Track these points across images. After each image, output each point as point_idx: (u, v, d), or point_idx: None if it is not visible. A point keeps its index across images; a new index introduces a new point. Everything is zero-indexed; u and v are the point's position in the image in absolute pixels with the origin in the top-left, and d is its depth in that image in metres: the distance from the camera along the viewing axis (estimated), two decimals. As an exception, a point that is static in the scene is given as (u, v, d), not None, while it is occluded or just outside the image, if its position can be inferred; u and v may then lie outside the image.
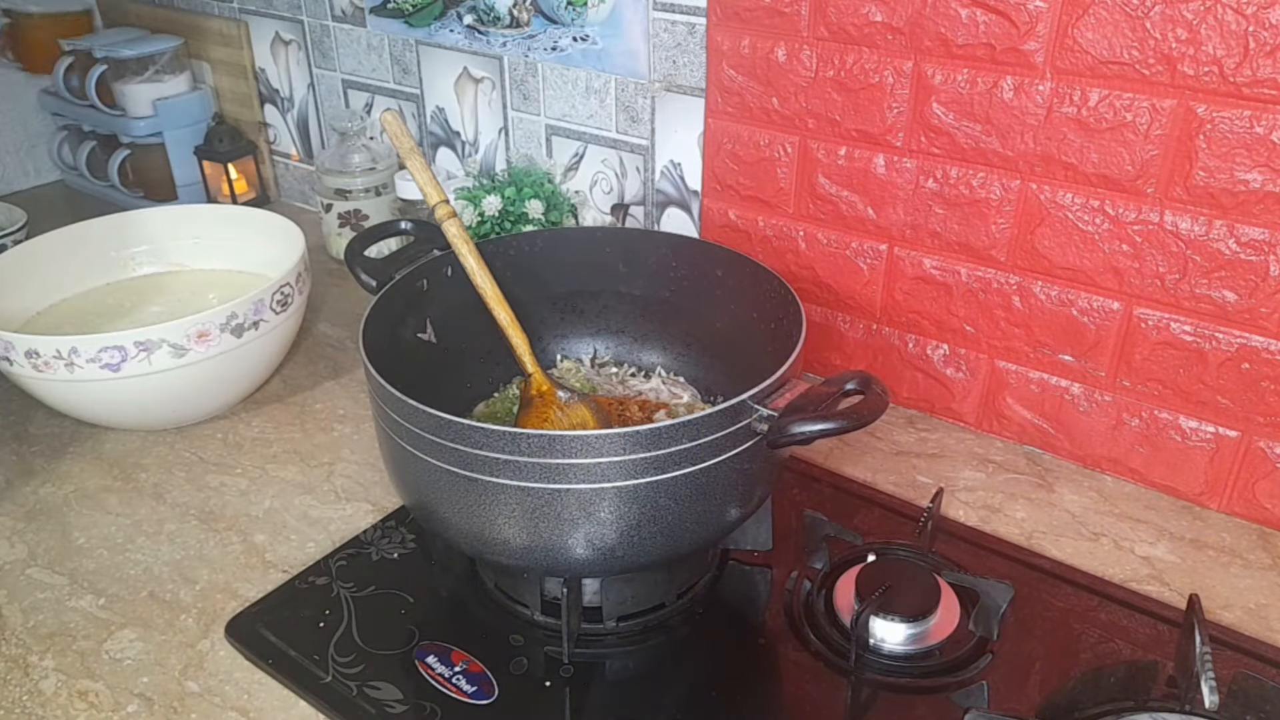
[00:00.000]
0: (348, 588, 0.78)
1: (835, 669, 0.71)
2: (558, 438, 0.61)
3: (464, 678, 0.69)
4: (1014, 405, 0.94)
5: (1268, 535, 0.84)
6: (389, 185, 1.29)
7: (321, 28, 1.35)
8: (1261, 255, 0.77)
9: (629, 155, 1.11)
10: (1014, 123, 0.84)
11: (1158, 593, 0.78)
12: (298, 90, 1.44)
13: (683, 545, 0.68)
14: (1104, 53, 0.78)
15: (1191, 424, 0.85)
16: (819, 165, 0.96)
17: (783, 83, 0.94)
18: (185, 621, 0.76)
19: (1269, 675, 0.70)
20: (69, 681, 0.70)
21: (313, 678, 0.69)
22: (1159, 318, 0.83)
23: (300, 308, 1.01)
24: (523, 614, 0.75)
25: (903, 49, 0.87)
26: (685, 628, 0.75)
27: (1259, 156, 0.74)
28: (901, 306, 0.97)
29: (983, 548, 0.82)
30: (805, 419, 0.62)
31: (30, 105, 1.56)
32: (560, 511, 0.63)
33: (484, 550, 0.69)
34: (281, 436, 0.98)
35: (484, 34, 1.17)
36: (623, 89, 1.08)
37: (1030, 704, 0.68)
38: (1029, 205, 0.86)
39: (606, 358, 0.97)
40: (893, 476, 0.91)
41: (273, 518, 0.87)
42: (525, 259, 0.90)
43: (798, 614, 0.75)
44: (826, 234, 0.98)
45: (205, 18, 1.47)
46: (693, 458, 0.63)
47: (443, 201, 0.82)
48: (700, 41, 0.99)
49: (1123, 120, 0.79)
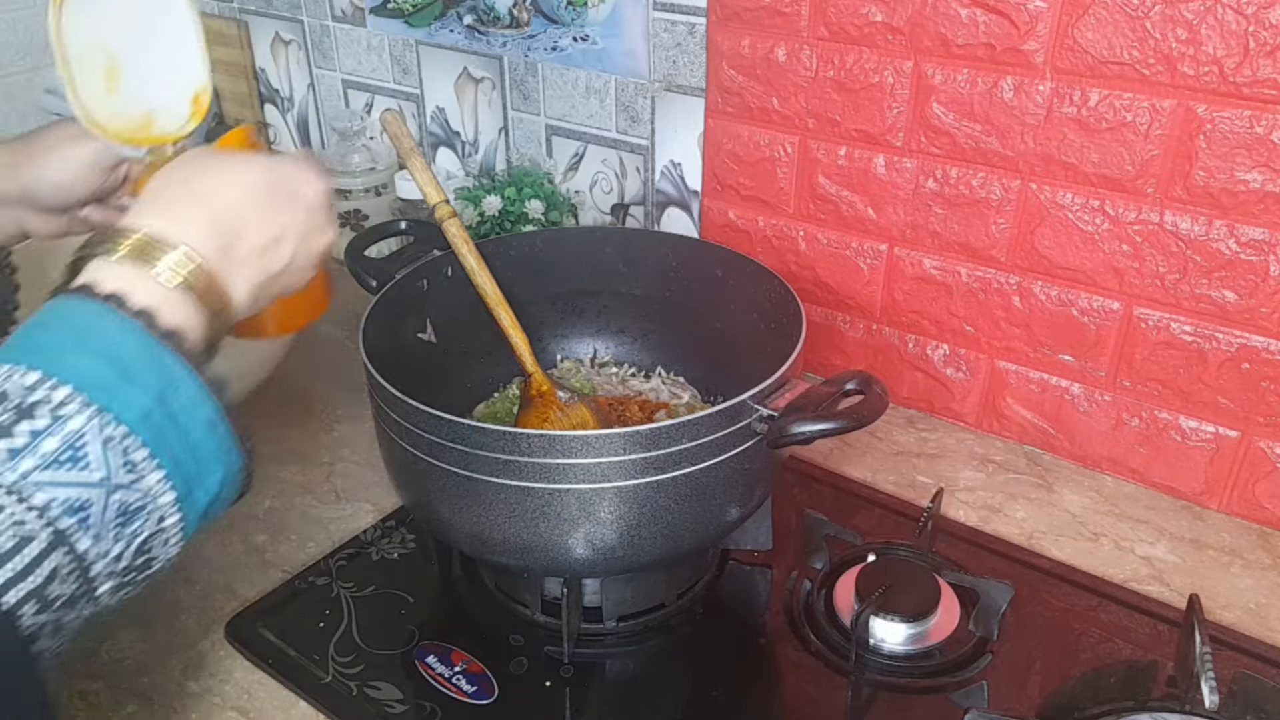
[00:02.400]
0: (348, 588, 0.78)
1: (835, 669, 0.71)
2: (558, 438, 0.61)
3: (464, 678, 0.69)
4: (1014, 405, 0.94)
5: (1268, 535, 0.83)
6: (389, 185, 1.29)
7: (321, 28, 1.35)
8: (1261, 255, 0.77)
9: (629, 155, 1.11)
10: (1014, 123, 0.84)
11: (1158, 593, 0.78)
12: (298, 90, 1.44)
13: (683, 545, 0.68)
14: (1104, 53, 0.78)
15: (1191, 424, 0.85)
16: (819, 165, 0.96)
17: (783, 83, 0.94)
18: (185, 621, 0.76)
19: (1269, 675, 0.70)
20: (68, 682, 0.70)
21: (313, 678, 0.69)
22: (1159, 318, 0.83)
23: (300, 308, 1.01)
24: (523, 614, 0.75)
25: (903, 49, 0.87)
26: (685, 628, 0.75)
27: (1259, 156, 0.74)
28: (901, 306, 0.97)
29: (983, 548, 0.82)
30: (805, 419, 0.62)
31: (31, 105, 1.56)
32: (560, 511, 0.63)
33: (484, 550, 0.69)
34: (281, 436, 0.98)
35: (484, 34, 1.17)
36: (623, 89, 1.08)
37: (1030, 704, 0.68)
38: (1029, 205, 0.86)
39: (606, 358, 0.97)
40: (893, 476, 0.91)
41: (273, 518, 0.86)
42: (525, 259, 0.90)
43: (798, 614, 0.75)
44: (826, 234, 0.98)
45: (205, 18, 1.46)
46: (693, 458, 0.63)
47: (443, 201, 0.82)
48: (700, 41, 0.99)
49: (1123, 120, 0.79)
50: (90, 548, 0.38)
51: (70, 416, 0.38)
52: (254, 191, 0.52)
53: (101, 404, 0.39)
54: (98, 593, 0.39)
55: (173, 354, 0.42)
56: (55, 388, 0.38)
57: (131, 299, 0.42)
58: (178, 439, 0.40)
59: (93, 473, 0.38)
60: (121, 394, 0.39)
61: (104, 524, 0.38)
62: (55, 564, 0.37)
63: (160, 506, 0.40)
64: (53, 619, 0.37)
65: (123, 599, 0.41)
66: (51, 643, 0.38)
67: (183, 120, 0.71)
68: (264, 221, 0.51)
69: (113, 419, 0.39)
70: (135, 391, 0.39)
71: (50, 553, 0.36)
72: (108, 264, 0.44)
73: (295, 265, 0.55)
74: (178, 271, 0.45)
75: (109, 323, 0.41)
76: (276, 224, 0.52)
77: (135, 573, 0.41)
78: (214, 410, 0.42)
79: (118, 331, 0.41)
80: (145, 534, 0.40)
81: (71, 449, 0.37)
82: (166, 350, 0.41)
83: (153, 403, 0.40)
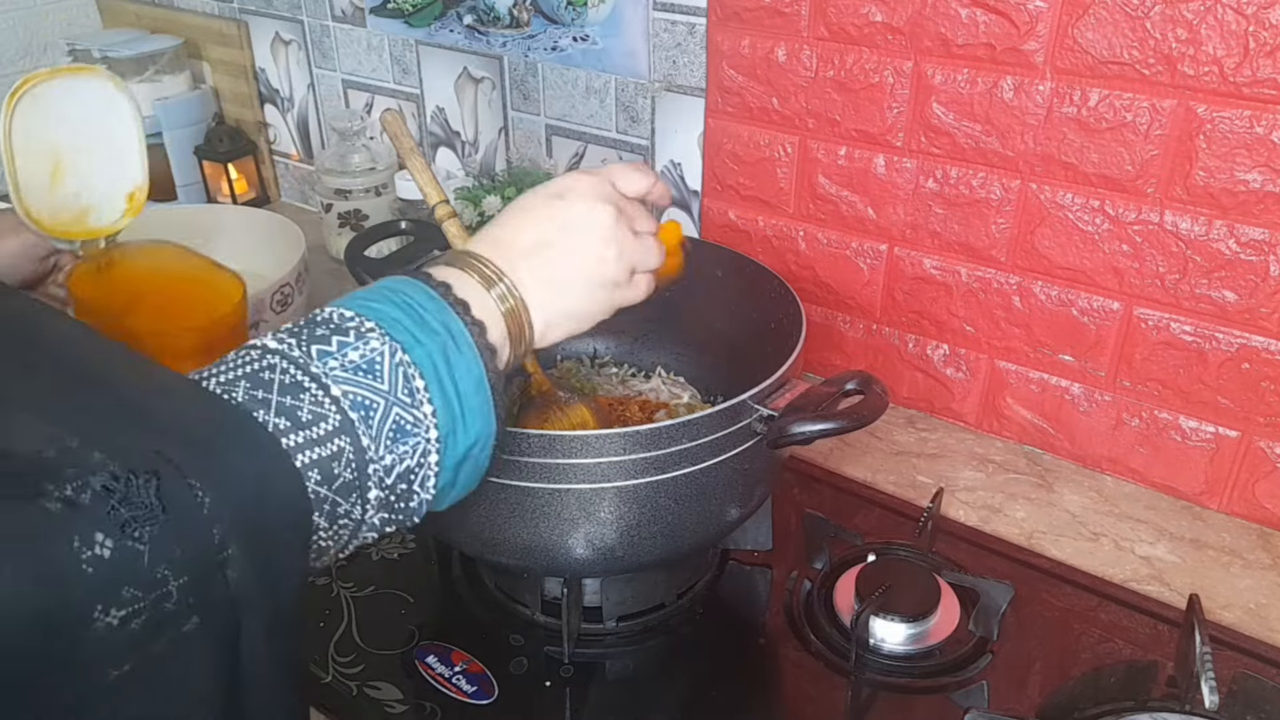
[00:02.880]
0: (348, 588, 0.78)
1: (835, 669, 0.71)
2: (558, 438, 0.61)
3: (464, 678, 0.69)
4: (1014, 405, 0.94)
5: (1268, 535, 0.83)
6: (389, 185, 1.29)
7: (321, 28, 1.35)
8: (1261, 255, 0.77)
9: (629, 155, 1.11)
10: (1014, 123, 0.84)
11: (1158, 593, 0.78)
12: (298, 90, 1.44)
13: (683, 545, 0.68)
14: (1104, 53, 0.78)
15: (1191, 424, 0.85)
16: (819, 165, 0.96)
17: (783, 83, 0.94)
18: (185, 621, 0.76)
19: (1269, 675, 0.70)
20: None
21: (312, 678, 0.69)
22: (1159, 318, 0.83)
23: (300, 308, 1.01)
24: (523, 614, 0.75)
25: (903, 49, 0.87)
26: (685, 628, 0.75)
27: (1259, 156, 0.74)
28: (901, 306, 0.97)
29: (983, 548, 0.82)
30: (805, 419, 0.62)
31: (30, 105, 1.56)
32: (560, 511, 0.63)
33: (484, 550, 0.69)
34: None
35: (484, 34, 1.17)
36: (623, 89, 1.08)
37: (1030, 704, 0.68)
38: (1029, 205, 0.86)
39: (606, 358, 0.97)
40: (893, 476, 0.91)
41: (273, 518, 0.86)
42: (525, 259, 0.90)
43: (798, 614, 0.75)
44: (826, 234, 0.98)
45: (205, 18, 1.46)
46: (693, 458, 0.63)
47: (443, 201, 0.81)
48: (700, 41, 0.99)
49: (1123, 120, 0.79)
50: (369, 445, 0.45)
51: (372, 340, 0.46)
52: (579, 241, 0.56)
53: (397, 339, 0.47)
54: (368, 494, 0.45)
55: (460, 320, 0.49)
56: (364, 321, 0.47)
57: (452, 291, 0.50)
58: (450, 384, 0.48)
59: (381, 383, 0.46)
60: (414, 336, 0.47)
61: (381, 430, 0.45)
62: (339, 445, 0.44)
63: (427, 438, 0.47)
64: (330, 498, 0.43)
65: (384, 524, 0.47)
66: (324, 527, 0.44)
67: (117, 216, 0.74)
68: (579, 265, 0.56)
69: (403, 350, 0.47)
70: (425, 336, 0.48)
71: (337, 434, 0.44)
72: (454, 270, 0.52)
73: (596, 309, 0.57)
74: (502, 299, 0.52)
75: (419, 290, 0.50)
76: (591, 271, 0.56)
77: (397, 498, 0.47)
78: (482, 373, 0.49)
79: (423, 296, 0.49)
80: (411, 461, 0.47)
81: (369, 363, 0.46)
82: (455, 315, 0.49)
83: (436, 349, 0.48)
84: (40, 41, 1.55)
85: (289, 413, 0.43)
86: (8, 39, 1.52)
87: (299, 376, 0.44)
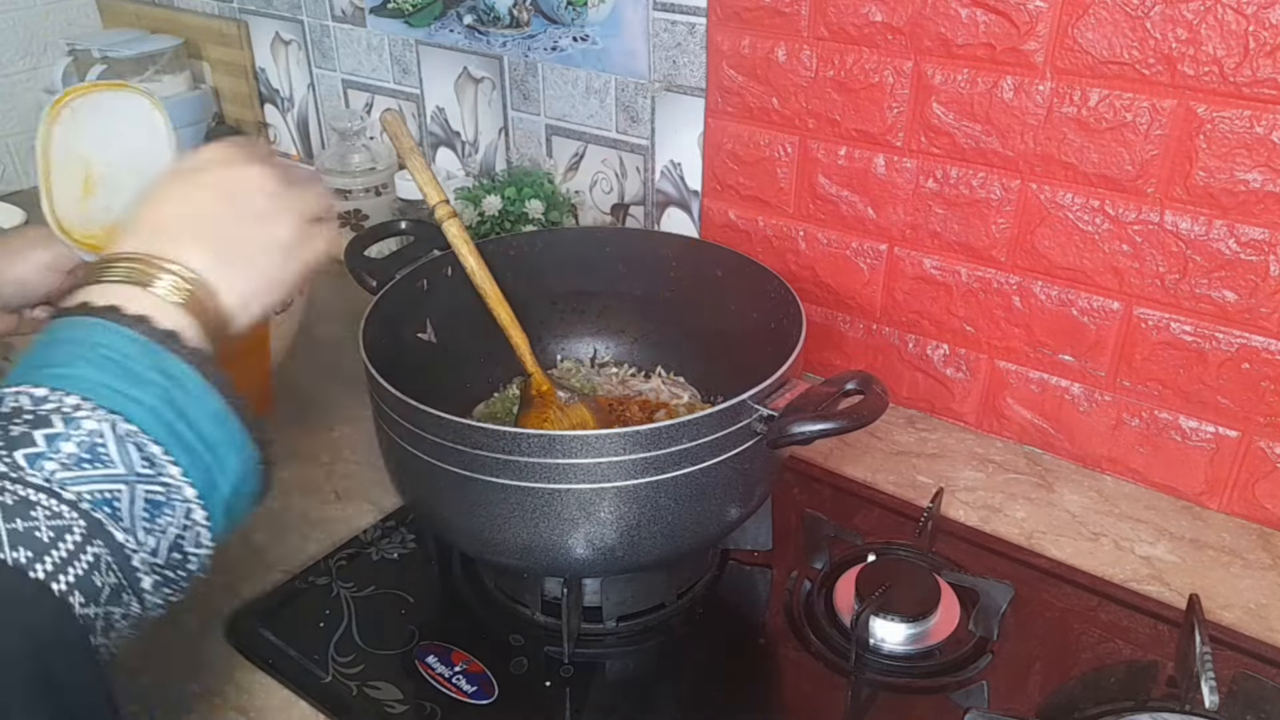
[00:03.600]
0: (348, 588, 0.78)
1: (835, 669, 0.71)
2: (558, 438, 0.61)
3: (464, 678, 0.69)
4: (1014, 405, 0.94)
5: (1268, 535, 0.83)
6: (389, 185, 1.29)
7: (321, 28, 1.35)
8: (1261, 255, 0.77)
9: (629, 155, 1.11)
10: (1014, 123, 0.84)
11: (1158, 593, 0.78)
12: (298, 90, 1.44)
13: (683, 545, 0.68)
14: (1104, 53, 0.78)
15: (1191, 424, 0.85)
16: (819, 165, 0.96)
17: (783, 83, 0.94)
18: (185, 621, 0.76)
19: (1269, 675, 0.70)
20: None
21: (313, 678, 0.69)
22: (1159, 318, 0.83)
23: (300, 308, 1.01)
24: (523, 614, 0.75)
25: (903, 49, 0.87)
26: (685, 628, 0.75)
27: (1259, 156, 0.74)
28: (901, 306, 0.97)
29: (983, 548, 0.82)
30: (805, 419, 0.62)
31: (31, 105, 1.56)
32: (560, 511, 0.63)
33: (484, 550, 0.69)
34: (281, 436, 0.97)
35: (484, 34, 1.17)
36: (623, 89, 1.08)
37: (1030, 704, 0.68)
38: (1029, 205, 0.86)
39: (606, 358, 0.97)
40: (893, 476, 0.91)
41: (272, 518, 0.86)
42: (525, 259, 0.90)
43: (798, 614, 0.75)
44: (826, 234, 0.98)
45: (205, 18, 1.47)
46: (693, 458, 0.63)
47: (443, 201, 0.82)
48: (700, 41, 0.99)
49: (1123, 120, 0.79)
50: (125, 540, 0.40)
51: (83, 421, 0.40)
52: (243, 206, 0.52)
53: (110, 406, 0.41)
54: (141, 585, 0.41)
55: (172, 355, 0.43)
56: (64, 397, 0.40)
57: (128, 308, 0.44)
58: (188, 432, 0.43)
59: (114, 467, 0.40)
60: (128, 395, 0.41)
61: (134, 516, 0.40)
62: (95, 553, 0.39)
63: (185, 499, 0.42)
64: (102, 613, 0.39)
65: (167, 598, 0.44)
66: (104, 640, 0.40)
67: None
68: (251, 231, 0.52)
69: (123, 419, 0.41)
70: (140, 392, 0.42)
71: (88, 542, 0.39)
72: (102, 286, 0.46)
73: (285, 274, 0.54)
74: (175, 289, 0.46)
75: (108, 332, 0.43)
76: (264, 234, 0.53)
77: (173, 570, 0.43)
78: (220, 403, 0.44)
79: (117, 338, 0.43)
80: (176, 529, 0.42)
81: (90, 449, 0.40)
82: (166, 351, 0.43)
83: (159, 401, 0.42)
84: (40, 41, 1.55)
85: (26, 539, 0.37)
86: (8, 39, 1.52)
87: (22, 492, 0.38)
